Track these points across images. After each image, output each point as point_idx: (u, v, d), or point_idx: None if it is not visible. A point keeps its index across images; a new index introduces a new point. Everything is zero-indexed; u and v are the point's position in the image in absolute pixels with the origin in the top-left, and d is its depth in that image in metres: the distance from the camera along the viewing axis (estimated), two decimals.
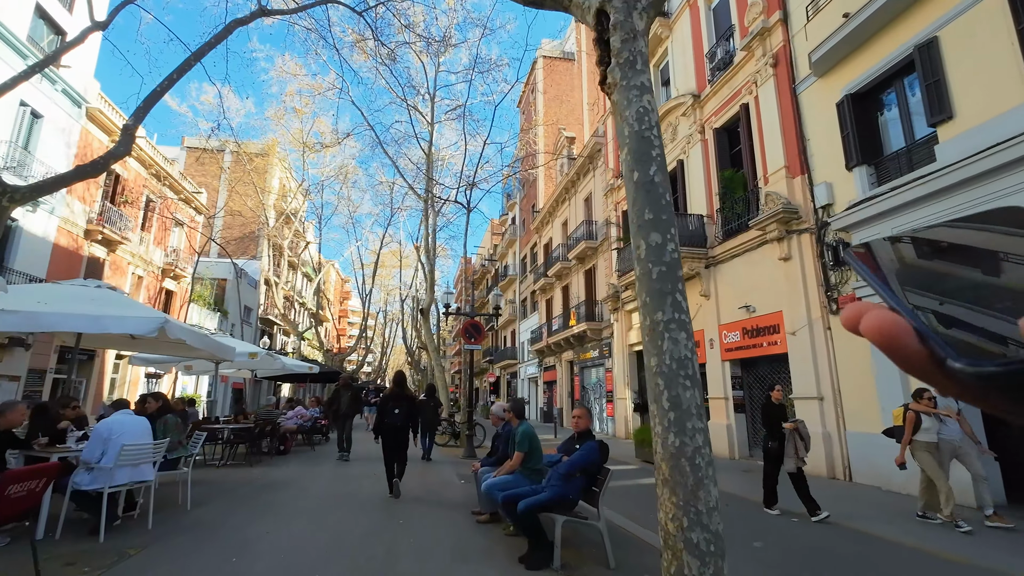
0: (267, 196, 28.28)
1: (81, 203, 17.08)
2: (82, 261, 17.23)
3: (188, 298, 25.02)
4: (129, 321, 4.86)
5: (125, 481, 4.27)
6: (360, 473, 8.12)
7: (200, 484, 6.91)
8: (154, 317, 5.11)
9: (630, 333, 17.60)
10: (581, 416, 4.12)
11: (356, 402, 10.39)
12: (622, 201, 18.43)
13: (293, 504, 5.74)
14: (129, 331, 4.89)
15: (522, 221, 37.06)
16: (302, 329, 32.22)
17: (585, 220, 21.64)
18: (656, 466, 2.55)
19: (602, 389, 20.21)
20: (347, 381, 10.52)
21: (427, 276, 19.51)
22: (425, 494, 6.65)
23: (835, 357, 9.07)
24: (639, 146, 2.93)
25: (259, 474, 7.87)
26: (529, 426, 4.77)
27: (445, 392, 17.90)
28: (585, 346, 21.60)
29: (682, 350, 2.55)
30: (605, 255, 19.93)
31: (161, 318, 5.13)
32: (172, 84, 7.96)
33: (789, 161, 10.27)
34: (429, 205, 19.56)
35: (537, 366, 29.41)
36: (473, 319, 11.14)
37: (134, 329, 4.90)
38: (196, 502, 5.53)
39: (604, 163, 20.50)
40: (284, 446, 10.74)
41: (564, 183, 24.72)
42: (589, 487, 3.90)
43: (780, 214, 9.90)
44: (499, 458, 5.21)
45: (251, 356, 9.65)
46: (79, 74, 16.66)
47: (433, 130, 19.71)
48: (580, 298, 22.32)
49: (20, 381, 15.05)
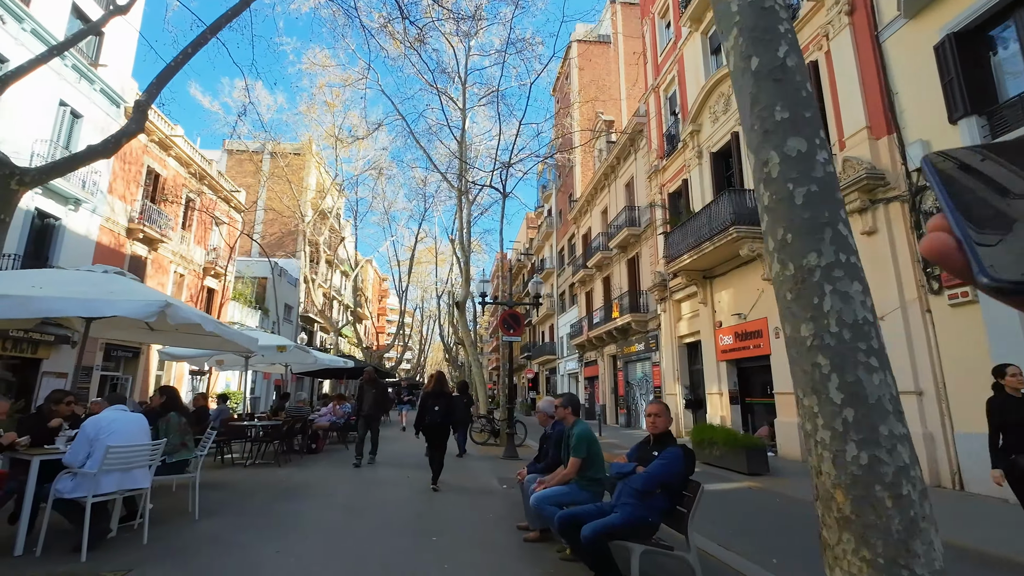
0: (304, 193, 28.34)
1: (122, 202, 17.24)
2: (124, 259, 17.40)
3: (229, 296, 25.33)
4: (122, 304, 4.26)
5: (113, 489, 3.64)
6: (390, 478, 7.39)
7: (219, 487, 6.36)
8: (153, 300, 4.50)
9: (679, 324, 16.36)
10: (659, 414, 3.18)
11: (382, 401, 8.89)
12: (668, 183, 17.19)
13: (312, 515, 5.04)
14: (123, 314, 4.29)
15: (559, 212, 35.99)
16: (340, 326, 32.29)
17: (627, 206, 20.45)
18: (820, 496, 1.62)
19: (648, 384, 19.03)
20: (372, 376, 8.77)
21: (462, 269, 18.83)
22: (463, 503, 5.85)
23: (937, 345, 7.73)
24: (758, 21, 1.98)
25: (284, 476, 7.28)
26: (587, 427, 3.89)
27: (482, 388, 17.19)
28: (629, 339, 20.43)
29: (857, 309, 1.61)
30: (649, 242, 18.72)
31: (162, 301, 4.52)
32: (187, 59, 7.45)
33: (872, 120, 8.92)
34: (463, 195, 18.85)
35: (577, 361, 28.36)
36: (512, 309, 10.31)
37: (129, 312, 4.30)
38: (208, 510, 4.91)
39: (647, 144, 19.24)
40: (316, 444, 10.22)
41: (603, 169, 23.55)
42: (673, 507, 2.98)
43: (863, 181, 8.59)
44: (548, 464, 4.34)
45: (279, 349, 9.13)
46: (117, 74, 16.79)
47: (465, 117, 18.97)
48: (623, 289, 21.16)
49: (68, 378, 15.28)
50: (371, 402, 8.52)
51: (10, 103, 13.00)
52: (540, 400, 4.57)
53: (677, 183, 16.60)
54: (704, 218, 12.67)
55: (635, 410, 20.54)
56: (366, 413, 8.51)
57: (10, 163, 6.20)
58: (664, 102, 18.19)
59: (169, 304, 4.57)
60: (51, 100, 14.36)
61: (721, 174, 14.19)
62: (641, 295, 19.40)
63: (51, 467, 3.81)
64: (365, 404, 8.49)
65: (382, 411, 8.97)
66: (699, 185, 14.81)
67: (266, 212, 35.80)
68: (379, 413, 8.79)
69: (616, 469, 3.12)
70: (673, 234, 14.41)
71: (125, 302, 4.31)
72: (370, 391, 8.59)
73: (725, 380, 13.31)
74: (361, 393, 8.68)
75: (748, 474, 8.60)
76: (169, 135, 19.51)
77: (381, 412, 8.89)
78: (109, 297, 4.42)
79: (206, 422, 6.83)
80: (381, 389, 8.85)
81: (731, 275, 13.12)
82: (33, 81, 13.64)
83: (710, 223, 12.29)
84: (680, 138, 16.19)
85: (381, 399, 8.79)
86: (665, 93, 18.20)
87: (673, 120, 17.55)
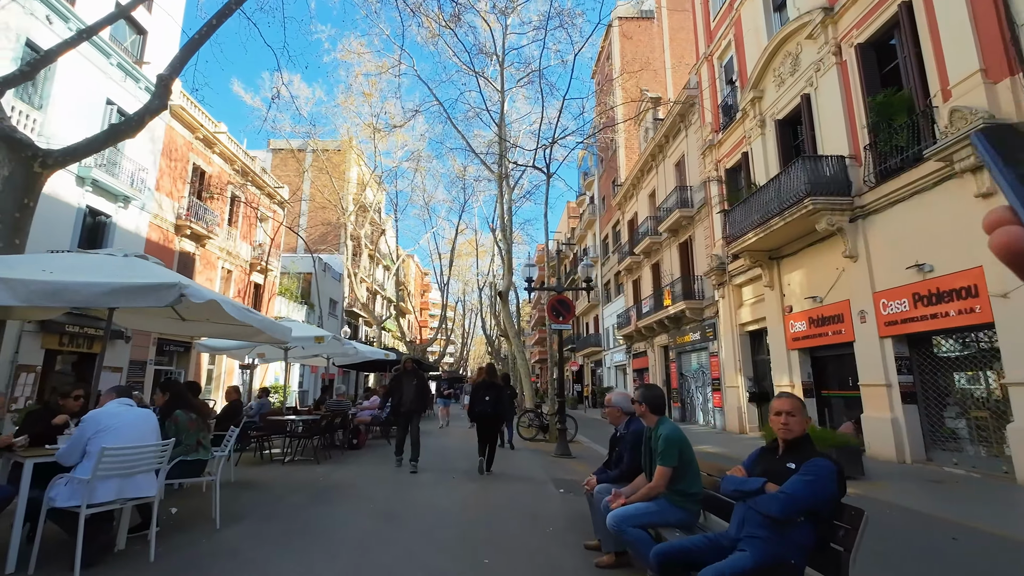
0: (345, 186, 28.38)
1: (169, 199, 17.50)
2: (174, 256, 17.70)
3: (276, 291, 25.69)
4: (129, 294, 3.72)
5: (112, 497, 3.11)
6: (433, 479, 6.74)
7: (252, 487, 5.90)
8: (167, 284, 3.96)
9: (740, 311, 15.07)
10: (792, 412, 2.25)
11: (423, 395, 7.52)
12: (725, 158, 15.83)
13: (346, 523, 4.43)
14: (130, 305, 3.77)
15: (601, 199, 34.72)
16: (383, 319, 32.38)
17: (678, 186, 19.14)
18: None
19: (705, 376, 17.77)
20: (411, 365, 7.57)
21: (503, 258, 18.12)
22: (517, 510, 5.11)
23: None
24: None
25: (321, 474, 6.78)
26: (676, 428, 3.04)
27: (527, 380, 16.46)
28: (683, 328, 19.18)
29: None
30: (704, 224, 17.40)
31: (174, 283, 3.97)
32: (211, 31, 6.99)
33: (987, 61, 7.51)
34: (503, 181, 18.10)
35: (625, 353, 27.21)
36: (560, 294, 9.48)
37: (141, 302, 3.77)
38: (234, 515, 4.40)
39: (699, 118, 17.86)
40: (357, 440, 9.78)
41: (650, 149, 22.23)
42: (822, 542, 2.11)
43: None
44: (624, 471, 3.52)
45: (317, 340, 8.68)
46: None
47: (504, 99, 18.17)
48: (674, 275, 19.89)
49: (122, 372, 15.65)
50: (411, 396, 7.33)
51: (59, 102, 13.24)
52: (611, 393, 3.72)
53: (735, 157, 15.23)
54: (772, 191, 11.39)
55: (690, 404, 19.31)
56: (406, 409, 7.31)
57: (33, 145, 5.90)
58: (719, 71, 16.78)
59: (184, 286, 4.03)
60: (98, 99, 14.58)
61: (788, 143, 12.81)
62: (695, 281, 18.11)
63: (51, 470, 3.32)
64: (405, 398, 7.28)
65: (423, 406, 7.62)
66: (762, 157, 13.46)
67: (310, 208, 36.35)
68: (420, 408, 7.51)
69: (734, 485, 2.27)
70: (734, 212, 13.14)
71: (135, 291, 3.78)
72: (409, 383, 7.37)
73: (797, 371, 12.02)
74: (398, 385, 7.42)
75: None
76: (213, 132, 19.72)
77: (422, 407, 7.58)
78: (125, 282, 3.92)
79: (238, 417, 6.42)
80: (421, 381, 7.59)
81: (803, 254, 11.78)
82: (80, 80, 13.88)
83: (779, 196, 11.02)
84: (738, 108, 14.82)
85: (421, 393, 7.51)
86: (720, 61, 16.78)
87: (729, 90, 16.14)
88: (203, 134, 19.10)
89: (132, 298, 3.80)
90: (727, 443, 12.40)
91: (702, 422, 17.91)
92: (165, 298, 3.91)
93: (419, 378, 7.59)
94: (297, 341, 8.74)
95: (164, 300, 3.91)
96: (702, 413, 18.07)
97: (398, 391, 7.37)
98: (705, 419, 17.71)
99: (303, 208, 36.33)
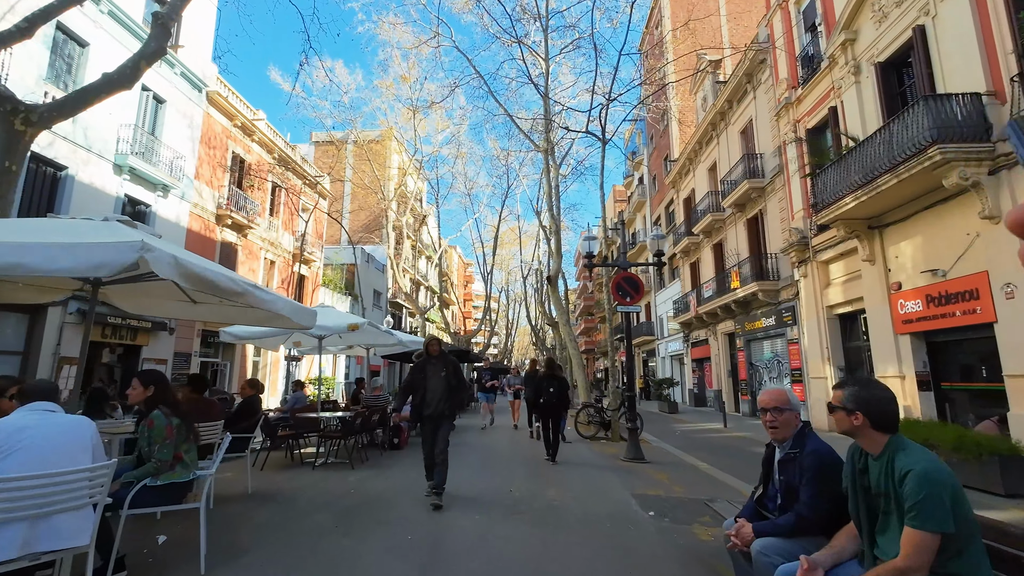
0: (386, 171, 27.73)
1: (209, 188, 17.14)
2: (215, 246, 17.39)
3: (319, 282, 25.39)
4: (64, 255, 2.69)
5: (13, 554, 2.04)
6: (486, 494, 5.53)
7: (271, 500, 4.90)
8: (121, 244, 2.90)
9: (828, 291, 13.11)
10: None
11: (455, 389, 5.22)
12: (805, 116, 13.80)
13: (372, 567, 3.29)
14: (68, 268, 2.74)
15: (652, 179, 32.63)
16: (426, 309, 31.76)
17: (745, 154, 17.12)
18: None
19: (782, 366, 15.85)
20: (437, 348, 5.33)
21: (548, 236, 16.75)
22: (598, 542, 3.85)
23: None
24: None
25: (355, 483, 5.72)
26: (935, 460, 1.67)
27: (581, 371, 15.12)
28: (753, 313, 17.25)
29: None
30: (778, 195, 15.41)
31: (136, 243, 2.91)
32: None
33: None
34: (549, 156, 16.70)
35: (682, 341, 25.32)
36: (626, 271, 8.07)
37: (80, 264, 2.74)
38: (229, 550, 3.35)
39: (772, 75, 15.79)
40: (399, 439, 8.77)
41: (709, 117, 20.20)
42: None
43: None
44: (804, 519, 2.15)
45: (351, 328, 7.68)
46: (197, 58, 16.54)
47: (548, 68, 16.71)
48: (741, 254, 17.94)
49: (167, 364, 15.43)
50: (438, 392, 5.04)
51: None
52: (772, 391, 2.28)
53: (819, 115, 13.21)
54: (877, 145, 9.48)
55: None
56: (432, 411, 5.01)
57: (14, 98, 5.07)
58: (796, 18, 14.67)
59: (148, 247, 2.95)
60: (135, 85, 14.17)
61: (893, 89, 10.77)
62: (768, 259, 16.14)
63: None
64: (429, 396, 5.03)
65: (454, 406, 5.31)
66: (856, 109, 11.46)
67: (352, 199, 36.16)
68: (450, 411, 5.15)
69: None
70: (823, 175, 11.23)
71: (72, 250, 2.75)
72: (436, 373, 5.10)
73: (909, 359, 10.10)
74: (421, 376, 5.12)
75: (1006, 495, 5.79)
76: (252, 119, 19.29)
77: (453, 409, 5.23)
78: (63, 241, 2.90)
79: (256, 416, 5.45)
80: (452, 371, 5.19)
81: (918, 219, 9.82)
82: (113, 65, 13.48)
83: (891, 149, 9.11)
84: (823, 56, 12.79)
85: (453, 387, 5.16)
86: (797, 6, 14.67)
87: (810, 38, 14.05)
88: (241, 121, 18.68)
89: (73, 257, 2.76)
90: None
91: None
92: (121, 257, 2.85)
93: (449, 366, 5.19)
94: (327, 329, 7.79)
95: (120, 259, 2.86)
96: None
97: (421, 385, 5.11)
98: None
99: (346, 199, 36.19)
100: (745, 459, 8.60)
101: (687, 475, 6.63)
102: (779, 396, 2.35)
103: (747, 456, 9.04)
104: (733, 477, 6.49)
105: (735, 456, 8.98)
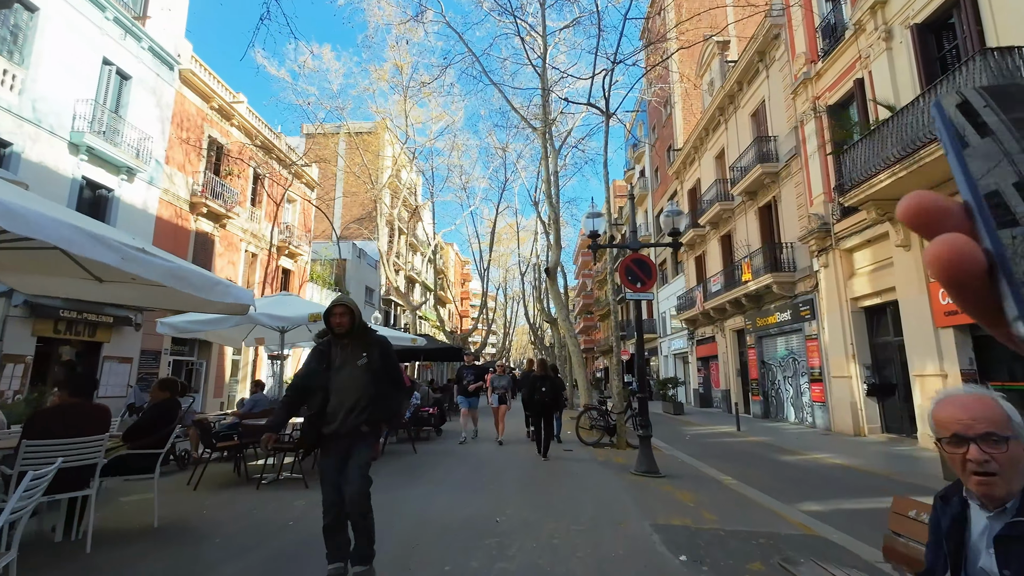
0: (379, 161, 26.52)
1: (182, 173, 15.93)
2: (190, 236, 16.18)
3: (307, 277, 24.18)
4: None
5: None
6: (468, 517, 4.41)
7: (178, 539, 3.72)
8: None
9: (853, 281, 11.98)
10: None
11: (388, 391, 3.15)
12: (827, 92, 12.66)
13: None
14: None
15: (654, 171, 31.50)
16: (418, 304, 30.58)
17: (757, 137, 15.99)
18: None
19: (798, 365, 14.71)
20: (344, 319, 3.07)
21: (547, 227, 15.62)
22: None
23: None
24: None
25: (300, 511, 4.52)
26: None
27: (581, 370, 13.96)
28: (766, 307, 16.12)
29: None
30: (795, 179, 14.28)
31: None
32: None
33: None
34: (548, 140, 15.53)
35: (687, 339, 24.19)
36: (636, 253, 6.91)
37: None
38: None
39: (787, 51, 14.65)
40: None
41: (717, 101, 19.06)
42: None
43: None
44: None
45: (312, 318, 6.53)
46: (168, 35, 15.34)
47: (546, 45, 15.55)
48: (751, 245, 16.81)
49: (133, 363, 14.22)
50: (350, 395, 3.00)
51: (46, 59, 11.66)
52: (952, 397, 1.16)
53: (843, 88, 12.08)
54: (921, 111, 8.34)
55: (775, 398, 16.24)
56: (335, 428, 2.97)
57: None
58: None
59: None
60: (94, 58, 12.98)
61: (931, 53, 9.64)
62: (783, 249, 15.01)
63: None
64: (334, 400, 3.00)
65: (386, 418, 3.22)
66: (888, 79, 10.33)
67: (344, 193, 34.93)
68: (374, 424, 3.09)
69: None
70: (853, 151, 10.09)
71: None
72: (349, 361, 3.06)
73: (952, 355, 8.98)
74: (323, 367, 3.06)
75: None
76: (230, 102, 18.08)
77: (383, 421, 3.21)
78: None
79: (170, 426, 4.27)
80: (378, 357, 3.10)
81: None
82: (71, 36, 12.29)
83: None
84: (848, 24, 11.66)
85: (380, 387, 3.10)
86: None
87: (831, 7, 12.91)
88: (218, 104, 17.46)
89: None
90: (844, 449, 9.53)
91: (793, 419, 14.89)
92: None
93: (374, 351, 3.10)
94: (288, 320, 6.62)
95: None
96: (793, 409, 15.03)
97: (321, 384, 3.03)
98: (798, 416, 14.68)
99: (338, 192, 34.97)
100: (771, 471, 7.45)
101: (713, 494, 5.49)
102: (991, 411, 1.18)
103: (774, 467, 7.90)
104: (769, 498, 5.34)
105: (759, 467, 7.83)
